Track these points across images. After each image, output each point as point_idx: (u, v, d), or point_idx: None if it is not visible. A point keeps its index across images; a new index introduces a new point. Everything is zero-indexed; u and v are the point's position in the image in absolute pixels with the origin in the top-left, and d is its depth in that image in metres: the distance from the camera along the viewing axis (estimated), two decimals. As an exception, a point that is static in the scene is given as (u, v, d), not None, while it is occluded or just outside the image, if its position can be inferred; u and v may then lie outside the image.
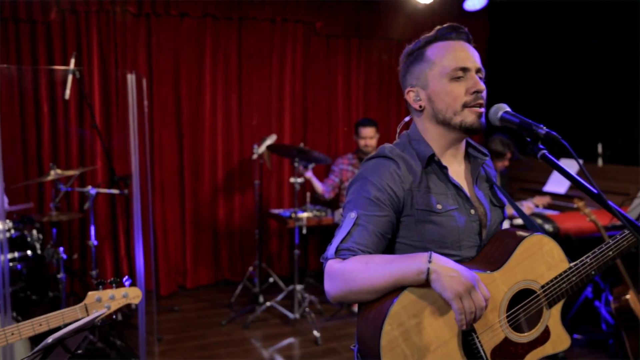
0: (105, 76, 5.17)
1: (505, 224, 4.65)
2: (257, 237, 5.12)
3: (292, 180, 4.72)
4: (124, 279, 2.03)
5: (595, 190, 1.32)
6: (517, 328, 1.60)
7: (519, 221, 4.58)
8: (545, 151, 1.45)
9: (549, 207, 4.91)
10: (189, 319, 4.92)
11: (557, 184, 5.34)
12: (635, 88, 5.19)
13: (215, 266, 5.81)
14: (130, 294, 2.05)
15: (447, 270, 1.41)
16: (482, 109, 1.60)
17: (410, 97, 1.68)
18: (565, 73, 5.94)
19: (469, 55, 1.61)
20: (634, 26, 5.15)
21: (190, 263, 5.67)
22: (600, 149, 5.24)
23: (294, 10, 5.67)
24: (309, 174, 4.92)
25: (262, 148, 4.86)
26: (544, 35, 6.07)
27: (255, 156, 4.91)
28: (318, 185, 5.07)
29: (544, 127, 1.44)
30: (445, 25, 1.64)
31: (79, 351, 3.80)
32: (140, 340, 3.47)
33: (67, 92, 4.02)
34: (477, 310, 1.40)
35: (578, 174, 1.38)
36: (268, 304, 4.84)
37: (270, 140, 4.93)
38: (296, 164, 4.64)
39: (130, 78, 3.48)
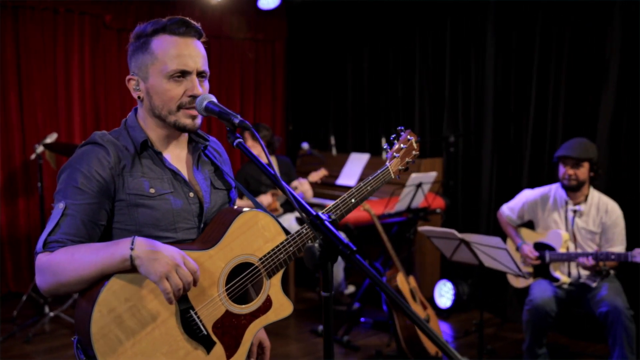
0: None
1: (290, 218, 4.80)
2: (42, 244, 4.75)
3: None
4: None
5: (272, 172, 1.41)
6: (243, 300, 1.65)
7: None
8: (240, 140, 1.52)
9: (333, 197, 5.17)
10: (-39, 340, 4.43)
11: (348, 177, 5.65)
12: (412, 87, 5.68)
13: (-2, 278, 5.31)
14: None
15: (149, 254, 1.42)
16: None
17: (130, 85, 1.67)
18: (356, 72, 6.31)
19: (193, 57, 1.60)
20: (411, 29, 5.63)
21: (-35, 277, 5.11)
22: (384, 143, 5.64)
23: (79, 1, 5.34)
24: None
25: (40, 148, 4.52)
26: (339, 35, 6.39)
27: (33, 156, 4.55)
28: None
29: (239, 117, 1.51)
30: (176, 17, 1.62)
31: None
32: None
33: None
34: (185, 285, 1.43)
35: (262, 159, 1.45)
36: (52, 314, 4.52)
37: (50, 139, 4.60)
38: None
39: None
